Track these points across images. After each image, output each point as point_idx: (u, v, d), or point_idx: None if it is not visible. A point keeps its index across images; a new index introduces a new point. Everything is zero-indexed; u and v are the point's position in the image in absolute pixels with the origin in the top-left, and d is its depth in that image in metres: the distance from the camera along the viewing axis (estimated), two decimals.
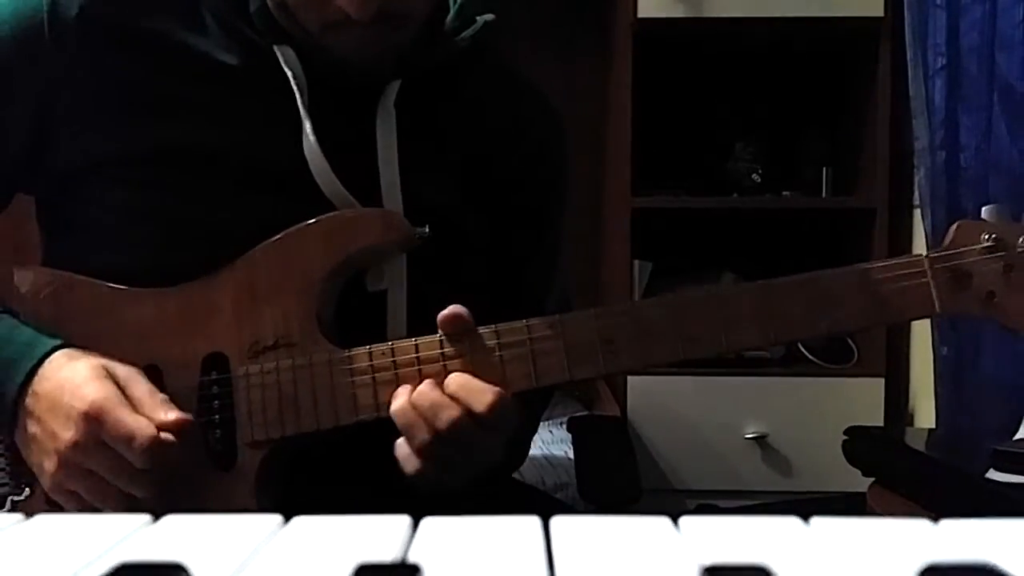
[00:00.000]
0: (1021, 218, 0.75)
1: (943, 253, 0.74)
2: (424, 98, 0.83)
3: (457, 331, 0.74)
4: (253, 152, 0.79)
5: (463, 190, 0.85)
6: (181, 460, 0.71)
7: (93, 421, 0.70)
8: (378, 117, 0.80)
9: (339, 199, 0.78)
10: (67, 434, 0.71)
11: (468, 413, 0.71)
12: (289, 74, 0.78)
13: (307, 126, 0.77)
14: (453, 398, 0.72)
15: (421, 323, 0.76)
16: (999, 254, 0.73)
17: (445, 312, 0.74)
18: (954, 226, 0.75)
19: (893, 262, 0.74)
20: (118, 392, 0.72)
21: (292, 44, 0.79)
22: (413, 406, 0.72)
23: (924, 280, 0.73)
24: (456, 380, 0.73)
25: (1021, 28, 1.47)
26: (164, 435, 0.70)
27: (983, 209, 0.75)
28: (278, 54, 0.78)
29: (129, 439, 0.70)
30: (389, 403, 0.73)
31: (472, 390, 0.72)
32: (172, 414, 0.72)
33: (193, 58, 0.79)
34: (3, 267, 0.84)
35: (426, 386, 0.73)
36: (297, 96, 0.78)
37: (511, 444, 0.77)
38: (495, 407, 0.71)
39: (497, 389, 0.72)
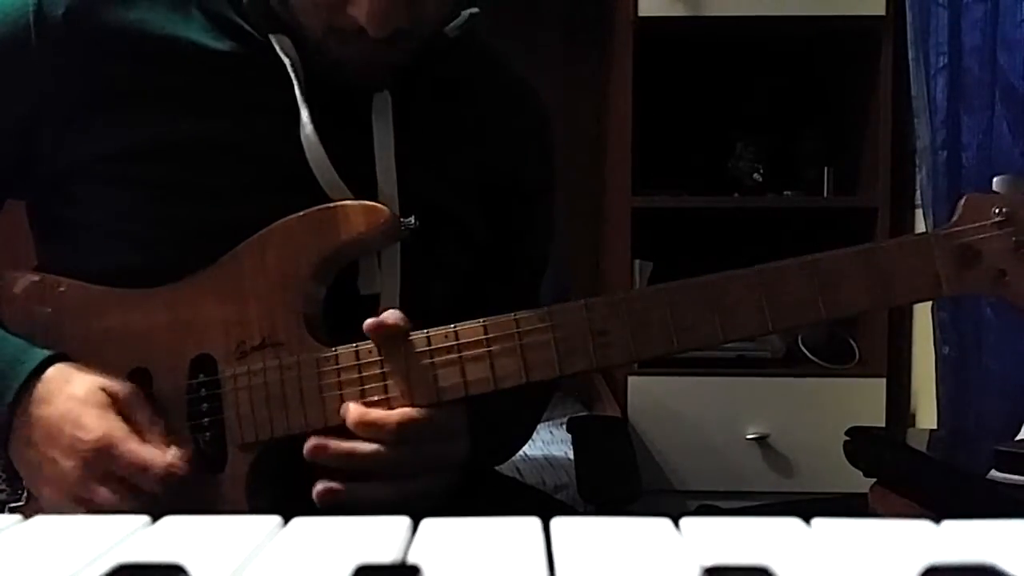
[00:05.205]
0: None
1: (950, 230, 0.70)
2: (417, 88, 0.83)
3: (381, 341, 0.73)
4: (247, 142, 0.78)
5: (455, 179, 0.85)
6: (189, 486, 0.72)
7: (102, 454, 0.70)
8: (374, 106, 0.80)
9: (334, 188, 0.77)
10: (69, 464, 0.71)
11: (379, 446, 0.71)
12: (287, 62, 0.77)
13: (304, 114, 0.76)
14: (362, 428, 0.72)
15: (415, 323, 0.76)
16: (1010, 229, 0.68)
17: (370, 321, 0.73)
18: (962, 200, 0.70)
19: (897, 241, 0.71)
20: (122, 423, 0.72)
21: (287, 34, 0.78)
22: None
23: (930, 259, 0.69)
24: (352, 415, 0.72)
25: (1023, 28, 1.47)
26: (176, 466, 0.71)
27: (995, 180, 0.70)
28: (274, 43, 0.77)
29: (144, 469, 0.70)
30: (377, 401, 0.73)
31: (374, 427, 0.71)
32: (172, 450, 0.72)
33: (183, 51, 0.78)
34: None
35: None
36: (295, 84, 0.77)
37: (481, 433, 0.77)
38: (404, 427, 0.71)
39: (398, 412, 0.72)
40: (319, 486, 0.71)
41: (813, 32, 2.06)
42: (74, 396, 0.72)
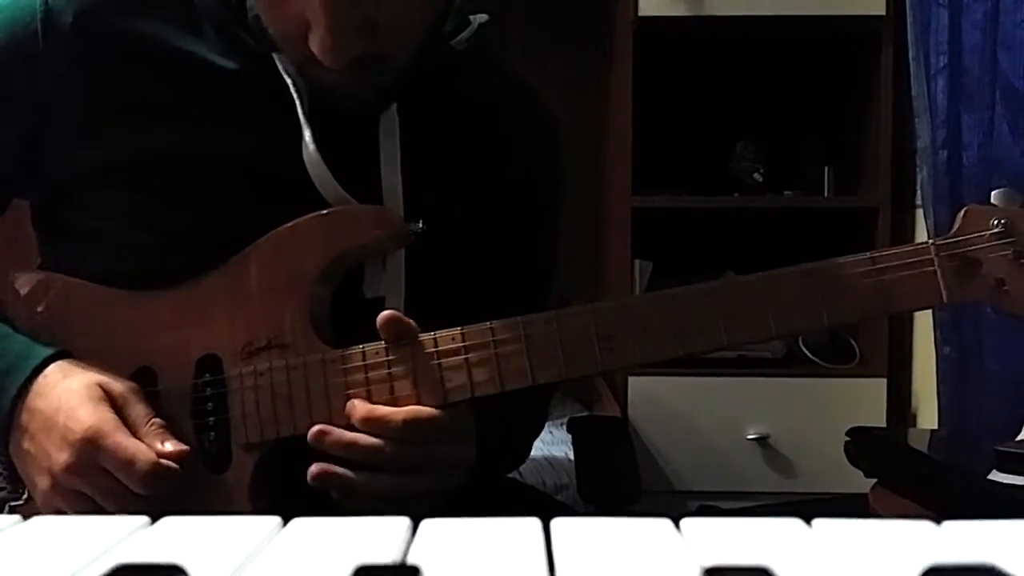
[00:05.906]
0: None
1: (950, 240, 0.71)
2: (425, 102, 0.83)
3: (394, 335, 0.73)
4: (253, 158, 0.78)
5: (463, 193, 0.85)
6: (178, 485, 0.71)
7: (89, 445, 0.70)
8: (381, 123, 0.80)
9: (339, 203, 0.77)
10: (61, 456, 0.71)
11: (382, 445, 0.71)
12: (289, 81, 0.77)
13: (307, 134, 0.76)
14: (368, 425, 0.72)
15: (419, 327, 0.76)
16: (1009, 240, 0.70)
17: (384, 315, 0.73)
18: (962, 212, 0.72)
19: (898, 250, 0.72)
20: (115, 416, 0.72)
21: None
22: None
23: (931, 268, 0.71)
24: (359, 411, 0.72)
25: (1023, 27, 1.47)
26: (165, 461, 0.70)
27: (993, 193, 0.72)
28: (277, 61, 0.77)
29: (129, 463, 0.69)
30: (384, 402, 0.73)
31: (379, 423, 0.72)
32: (169, 444, 0.72)
33: (191, 63, 0.78)
34: (1, 270, 0.84)
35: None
36: (297, 103, 0.77)
37: (487, 437, 0.77)
38: (410, 425, 0.71)
39: (405, 410, 0.72)
40: (315, 467, 0.71)
41: (813, 32, 2.05)
42: (71, 389, 0.73)
